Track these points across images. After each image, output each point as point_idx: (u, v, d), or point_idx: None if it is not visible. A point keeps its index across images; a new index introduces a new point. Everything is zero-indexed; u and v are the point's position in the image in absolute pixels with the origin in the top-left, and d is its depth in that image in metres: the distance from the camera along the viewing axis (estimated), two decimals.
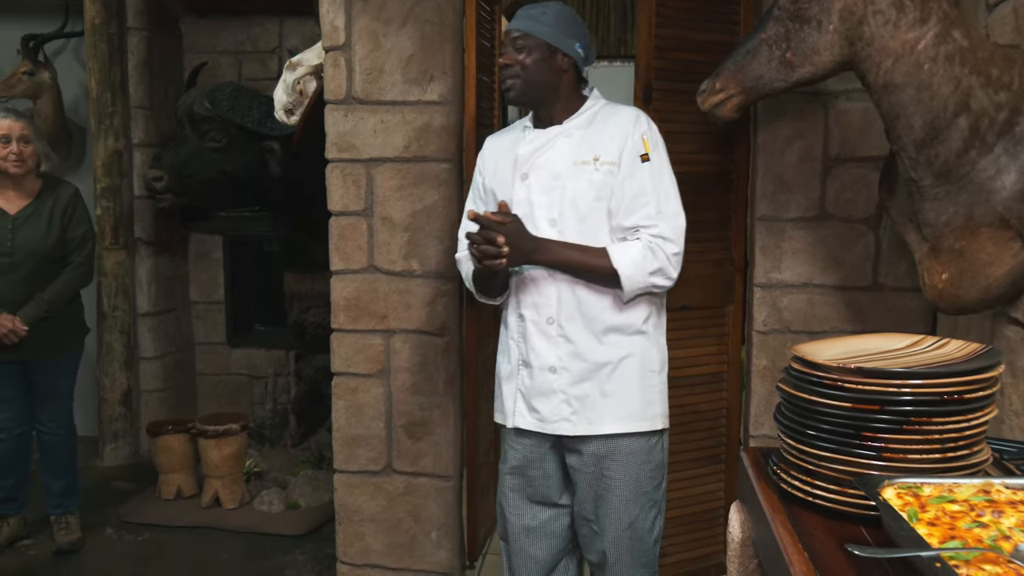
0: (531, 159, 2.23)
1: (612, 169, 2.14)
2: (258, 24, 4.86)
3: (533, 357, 2.22)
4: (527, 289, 2.23)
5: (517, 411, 2.27)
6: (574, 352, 2.19)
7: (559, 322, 2.19)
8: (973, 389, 1.32)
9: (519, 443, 2.32)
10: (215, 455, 3.93)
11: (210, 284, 5.02)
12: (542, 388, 2.22)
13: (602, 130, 2.20)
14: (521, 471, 2.33)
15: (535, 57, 2.17)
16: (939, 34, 1.82)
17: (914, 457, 1.32)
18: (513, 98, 2.23)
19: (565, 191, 2.16)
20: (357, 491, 3.02)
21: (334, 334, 2.97)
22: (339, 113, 2.88)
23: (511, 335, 2.29)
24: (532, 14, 2.20)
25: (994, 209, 1.91)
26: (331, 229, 2.93)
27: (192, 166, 3.95)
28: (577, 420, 2.20)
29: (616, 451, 2.22)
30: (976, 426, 1.33)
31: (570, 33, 2.20)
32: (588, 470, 2.25)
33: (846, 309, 2.75)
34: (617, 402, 2.20)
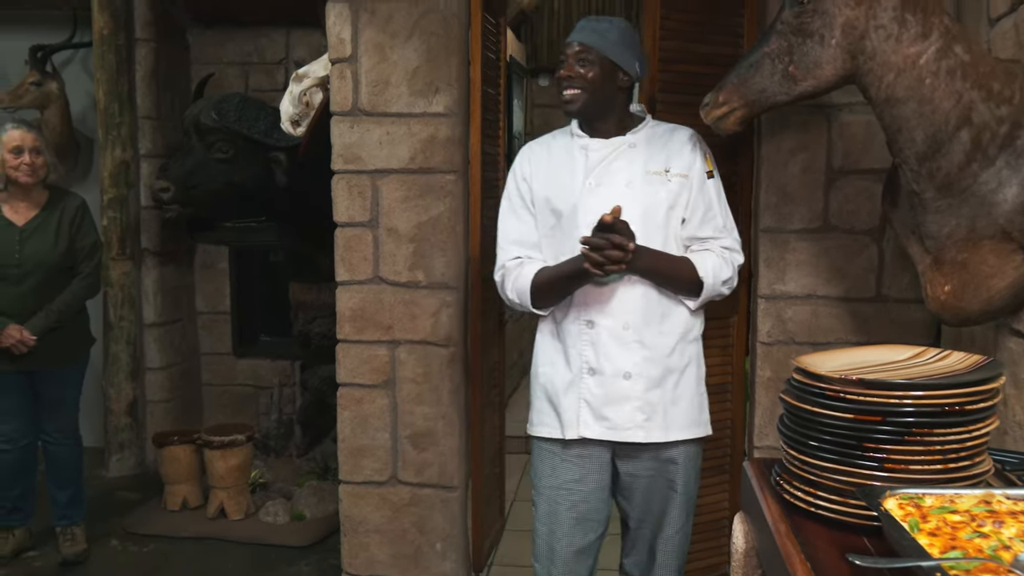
0: (600, 168, 2.24)
1: (683, 182, 2.22)
2: (265, 35, 4.90)
3: (606, 364, 2.21)
4: (599, 295, 2.21)
5: (582, 421, 2.24)
6: (649, 358, 2.22)
7: (635, 328, 2.21)
8: (974, 400, 1.33)
9: (576, 456, 2.28)
10: (221, 466, 3.94)
11: (216, 294, 5.04)
12: (615, 395, 2.21)
13: (666, 144, 2.26)
14: (576, 486, 2.29)
15: (598, 72, 2.19)
16: (941, 49, 1.83)
17: (916, 468, 1.32)
18: (575, 111, 2.24)
19: (637, 200, 2.18)
20: (362, 502, 3.03)
21: (339, 345, 2.98)
22: (345, 125, 2.90)
23: (571, 344, 2.25)
24: (599, 29, 2.22)
25: (996, 222, 1.92)
26: (336, 240, 2.95)
27: (198, 177, 3.97)
28: (651, 427, 2.22)
29: (679, 457, 2.29)
30: (977, 437, 1.34)
31: (631, 51, 2.23)
32: (648, 475, 2.29)
33: (850, 320, 2.76)
34: (683, 409, 2.27)
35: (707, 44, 2.73)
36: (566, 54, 2.22)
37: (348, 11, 2.86)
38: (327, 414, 4.48)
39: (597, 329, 2.21)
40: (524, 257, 2.29)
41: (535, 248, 2.29)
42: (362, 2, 2.85)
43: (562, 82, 2.22)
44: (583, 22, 2.26)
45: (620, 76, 2.22)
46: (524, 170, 2.33)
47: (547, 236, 2.28)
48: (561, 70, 2.22)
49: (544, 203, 2.27)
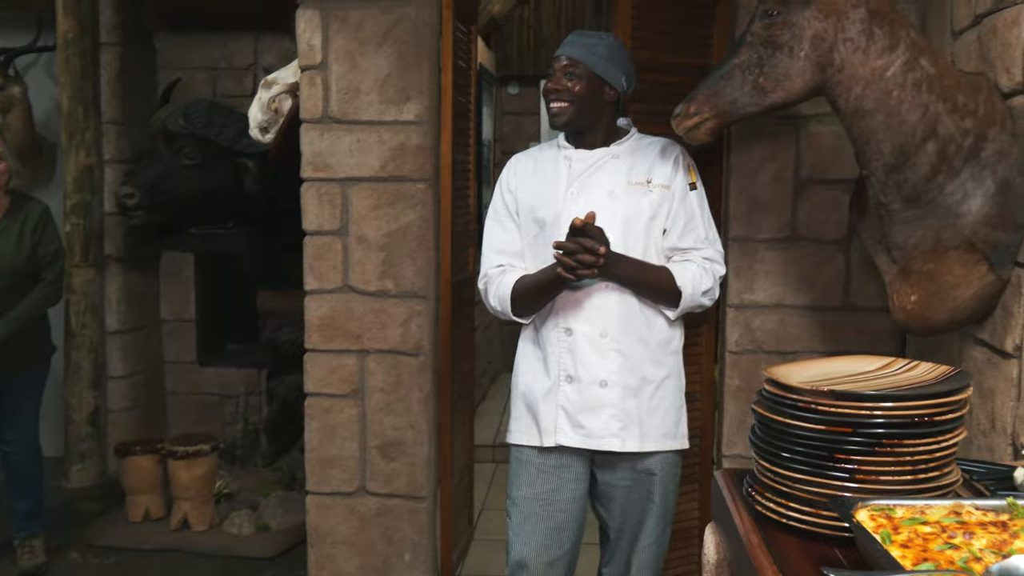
0: (582, 178, 2.27)
1: (664, 193, 2.24)
2: (234, 40, 4.85)
3: (582, 371, 2.22)
4: (577, 303, 2.23)
5: (559, 429, 2.25)
6: (626, 367, 2.23)
7: (613, 336, 2.22)
8: (943, 411, 1.34)
9: (554, 466, 2.29)
10: (185, 476, 3.89)
11: (181, 302, 4.97)
12: (591, 403, 2.23)
13: (649, 156, 2.28)
14: (553, 495, 2.29)
15: (585, 86, 2.22)
16: (907, 62, 1.85)
17: (887, 479, 1.33)
18: (561, 123, 2.26)
19: (618, 210, 2.21)
20: (330, 512, 3.00)
21: (308, 354, 2.95)
22: (315, 132, 2.88)
23: (551, 351, 2.27)
24: (587, 43, 2.25)
25: (961, 233, 1.95)
26: (305, 248, 2.92)
27: (166, 183, 3.93)
28: (626, 436, 2.23)
29: (656, 468, 2.29)
30: (946, 447, 1.35)
31: (619, 67, 2.26)
32: (626, 485, 2.30)
33: (818, 329, 2.78)
34: (660, 420, 2.27)
35: (678, 55, 2.74)
36: (554, 67, 2.25)
37: (318, 18, 2.84)
38: (294, 423, 4.43)
39: (575, 336, 2.23)
40: (507, 265, 2.32)
41: (518, 257, 2.32)
42: (332, 9, 2.83)
43: (549, 95, 2.25)
44: (572, 36, 2.29)
45: (607, 90, 2.25)
46: (510, 181, 2.36)
47: (531, 245, 2.31)
48: (548, 83, 2.25)
49: (528, 212, 2.30)
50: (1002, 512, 1.22)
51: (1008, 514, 1.22)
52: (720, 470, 1.74)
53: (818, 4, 1.86)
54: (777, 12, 1.90)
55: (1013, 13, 1.96)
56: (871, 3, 1.85)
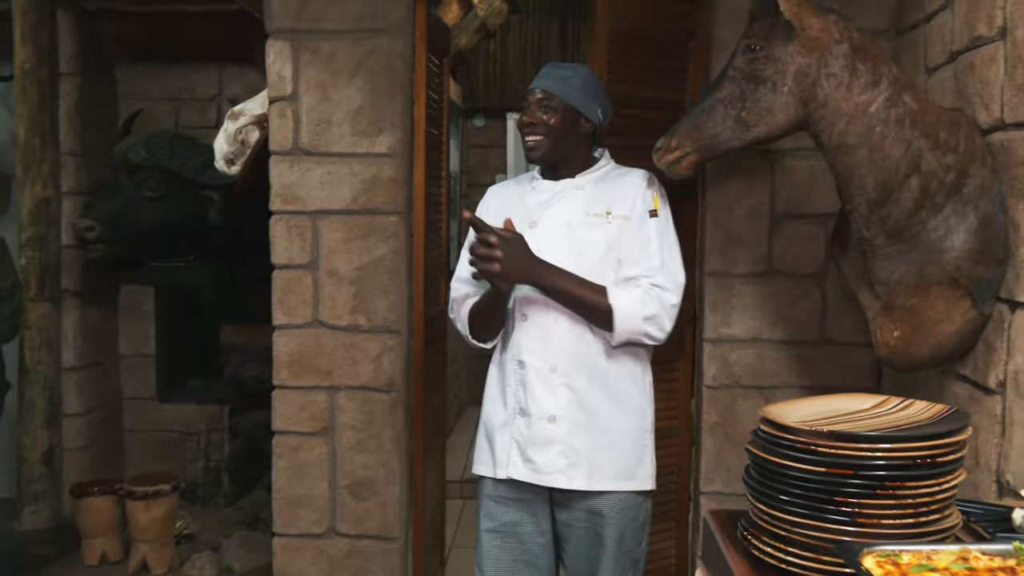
0: (542, 208, 2.24)
1: (624, 224, 2.18)
2: (196, 71, 4.78)
3: (532, 405, 2.18)
4: (530, 335, 2.20)
5: (511, 462, 2.21)
6: (575, 402, 2.17)
7: (563, 371, 2.17)
8: (944, 452, 1.31)
9: (515, 500, 2.25)
10: (144, 518, 3.76)
11: (140, 337, 4.84)
12: (539, 438, 2.17)
13: (615, 187, 2.24)
14: (512, 529, 2.26)
15: (560, 120, 2.19)
16: (890, 97, 1.86)
17: (888, 522, 1.30)
18: (537, 158, 2.24)
19: (575, 241, 2.16)
20: (298, 555, 2.90)
21: (276, 391, 2.87)
22: (285, 164, 2.82)
23: (507, 382, 2.24)
24: (561, 76, 2.22)
25: (944, 268, 1.94)
26: (274, 282, 2.85)
27: (127, 215, 3.83)
28: (573, 473, 2.17)
29: (608, 509, 2.20)
30: (948, 489, 1.33)
31: (594, 99, 2.24)
32: (581, 526, 2.22)
33: (795, 364, 2.77)
34: (613, 459, 2.20)
35: (654, 89, 2.73)
36: (528, 100, 2.22)
37: (289, 48, 2.79)
38: (258, 461, 4.33)
39: (526, 369, 2.20)
40: (472, 293, 2.30)
41: (483, 287, 2.27)
42: (303, 40, 2.79)
43: (524, 128, 2.22)
44: (547, 68, 2.26)
45: (582, 122, 2.23)
46: (480, 213, 2.32)
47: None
48: (523, 116, 2.22)
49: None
50: (1009, 557, 1.20)
51: (1015, 559, 1.19)
52: (710, 511, 1.71)
53: (801, 39, 1.86)
54: (760, 47, 1.89)
55: (991, 50, 1.97)
56: (854, 39, 1.86)
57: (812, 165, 2.70)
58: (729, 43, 2.67)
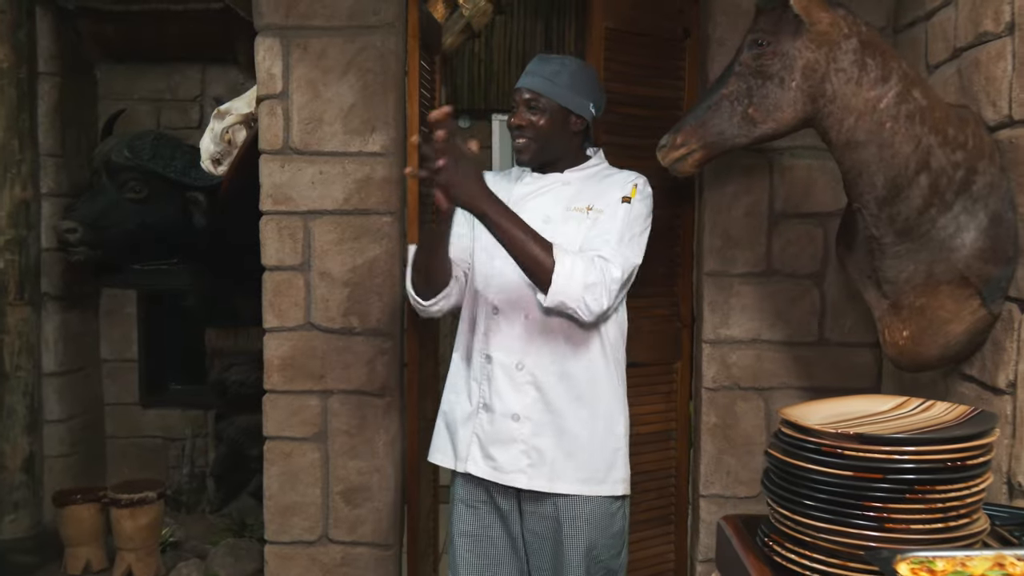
0: (524, 201, 2.16)
1: (598, 216, 2.10)
2: (179, 72, 4.69)
3: (496, 402, 2.11)
4: (499, 329, 2.12)
5: (471, 457, 2.15)
6: (540, 400, 2.10)
7: (529, 368, 2.10)
8: (974, 455, 1.28)
9: (483, 503, 2.19)
10: (129, 526, 3.67)
11: (122, 341, 4.74)
12: (502, 435, 2.11)
13: (600, 184, 2.16)
14: (484, 532, 2.19)
15: (549, 120, 2.12)
16: (900, 93, 1.83)
17: (917, 527, 1.27)
18: (527, 161, 2.17)
19: (548, 233, 2.02)
20: (290, 563, 2.84)
21: (267, 395, 2.81)
22: (275, 164, 2.76)
23: (473, 375, 2.17)
24: (548, 74, 2.13)
25: (954, 267, 1.92)
26: (265, 285, 2.79)
27: (110, 218, 3.74)
28: (534, 474, 2.09)
29: (575, 515, 2.11)
30: (976, 493, 1.30)
31: (584, 93, 2.15)
32: (546, 533, 2.14)
33: (793, 365, 2.74)
34: (579, 462, 2.10)
35: (650, 87, 2.70)
36: (516, 101, 2.15)
37: (279, 45, 2.73)
38: (244, 467, 4.26)
39: (493, 365, 2.13)
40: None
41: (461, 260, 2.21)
42: (294, 37, 2.73)
43: (513, 131, 2.15)
44: (534, 64, 2.17)
45: (572, 120, 2.15)
46: None
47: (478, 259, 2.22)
48: (512, 118, 2.15)
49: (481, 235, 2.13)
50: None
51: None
52: (724, 517, 1.67)
53: (809, 34, 1.82)
54: (767, 42, 1.86)
55: (998, 46, 1.95)
56: (863, 34, 1.83)
57: (810, 164, 2.68)
58: (726, 40, 2.66)
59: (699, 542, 2.83)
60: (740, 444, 2.77)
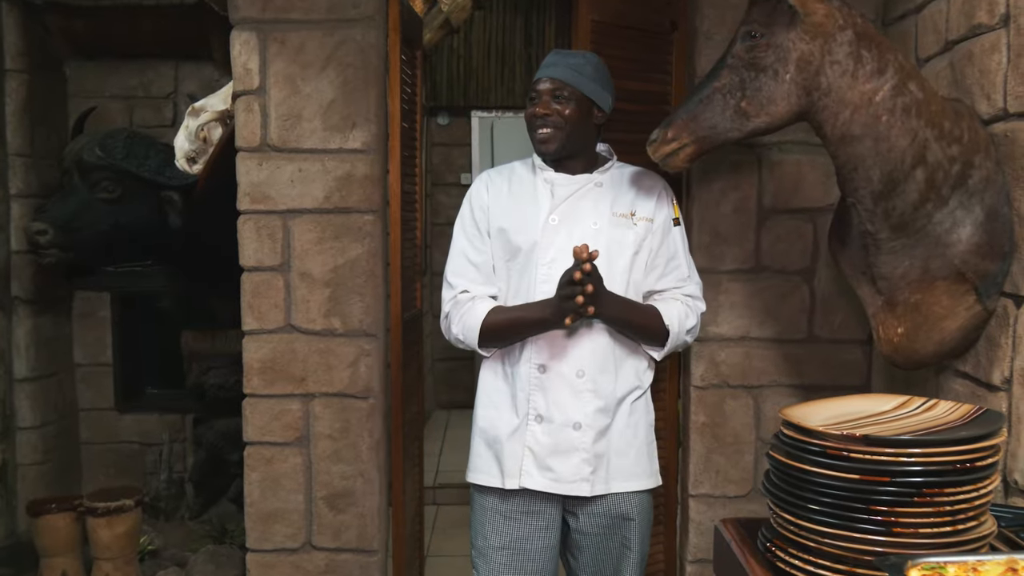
0: (565, 205, 2.12)
1: (648, 226, 2.14)
2: (151, 68, 4.59)
3: (555, 412, 2.08)
4: (553, 339, 2.08)
5: (524, 471, 2.10)
6: (601, 408, 2.09)
7: (590, 375, 2.08)
8: (982, 456, 1.24)
9: (523, 513, 2.14)
10: (106, 535, 3.58)
11: (96, 345, 4.64)
12: (562, 446, 2.08)
13: (632, 187, 2.17)
14: (523, 545, 2.14)
15: (575, 110, 2.08)
16: (896, 86, 1.79)
17: (925, 531, 1.23)
18: (551, 151, 2.11)
19: (603, 243, 2.05)
20: (273, 571, 2.77)
21: (247, 399, 2.74)
22: (252, 161, 2.69)
23: (519, 387, 2.11)
24: (573, 64, 2.10)
25: (950, 262, 1.89)
26: (243, 286, 2.72)
27: (82, 219, 3.64)
28: (595, 480, 2.10)
29: (631, 510, 2.16)
30: (984, 495, 1.26)
31: (605, 86, 2.14)
32: (600, 532, 2.16)
33: (783, 362, 2.71)
34: (631, 459, 2.15)
35: (638, 81, 2.65)
36: (537, 90, 2.10)
37: (255, 39, 2.66)
38: (224, 472, 4.17)
39: (549, 375, 2.09)
40: (475, 291, 2.15)
41: (488, 279, 2.16)
42: (271, 31, 2.66)
43: (535, 120, 2.10)
44: (554, 56, 2.15)
45: (595, 113, 2.13)
46: (482, 198, 2.19)
47: (501, 269, 2.15)
48: (535, 107, 2.10)
49: (499, 235, 2.14)
50: None
51: None
52: (722, 520, 1.63)
53: (804, 25, 1.78)
54: (761, 34, 1.81)
55: (992, 38, 1.92)
56: (858, 25, 1.79)
57: (799, 159, 2.65)
58: (713, 34, 2.62)
59: (688, 542, 2.79)
60: (729, 443, 2.73)
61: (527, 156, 2.24)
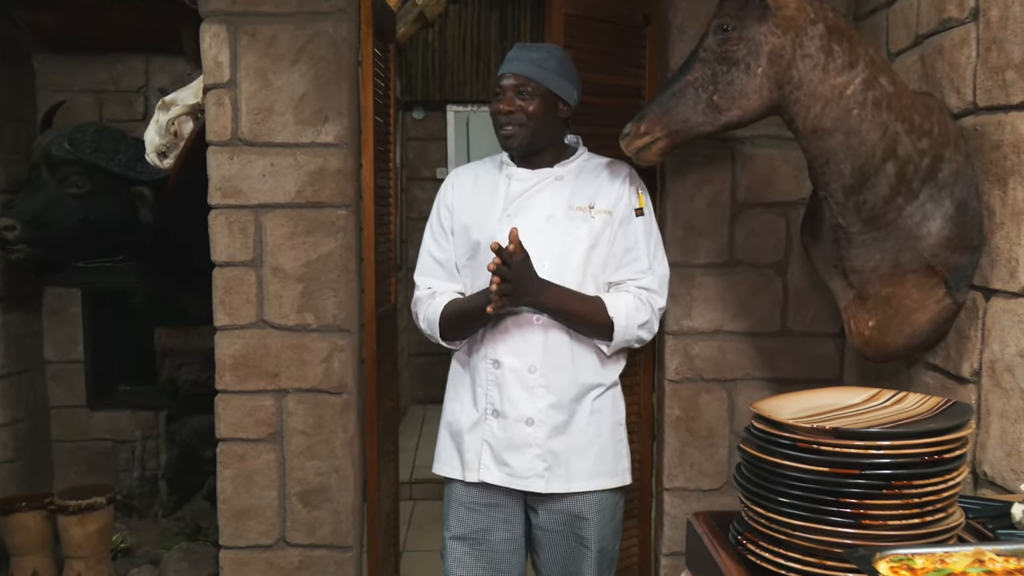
0: (521, 199, 2.11)
1: (607, 219, 2.10)
2: (121, 62, 4.53)
3: (508, 407, 2.07)
4: (507, 334, 2.08)
5: (483, 465, 2.10)
6: (554, 404, 2.07)
7: (542, 371, 2.07)
8: (951, 448, 1.25)
9: (486, 505, 2.14)
10: (78, 533, 3.54)
11: (67, 341, 4.58)
12: (516, 441, 2.07)
13: (595, 179, 2.14)
14: (482, 536, 2.14)
15: (539, 106, 2.07)
16: (867, 79, 1.80)
17: (894, 523, 1.24)
18: (515, 147, 2.11)
19: (557, 236, 2.06)
20: (247, 568, 2.75)
21: (219, 396, 2.71)
22: (224, 156, 2.66)
23: (479, 382, 2.12)
24: (536, 59, 2.09)
25: (920, 256, 1.90)
26: (215, 281, 2.69)
27: (51, 214, 3.59)
28: (551, 476, 2.08)
29: (588, 509, 2.12)
30: (952, 487, 1.27)
31: (570, 80, 2.12)
32: (559, 529, 2.13)
33: (756, 356, 2.72)
34: (591, 458, 2.11)
35: (611, 75, 2.65)
36: (502, 86, 2.09)
37: (226, 32, 2.63)
38: (197, 469, 4.14)
39: (502, 370, 2.09)
40: (437, 288, 2.18)
41: (452, 278, 2.18)
42: (241, 23, 2.63)
43: (499, 117, 2.09)
44: (517, 51, 2.13)
45: (560, 107, 2.12)
46: (447, 196, 2.21)
47: (465, 266, 2.17)
48: (499, 104, 2.09)
49: (463, 232, 2.16)
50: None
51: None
52: (694, 513, 1.63)
53: (775, 19, 1.78)
54: (732, 27, 1.82)
55: (961, 32, 1.93)
56: (829, 19, 1.80)
57: (772, 153, 2.66)
58: (687, 28, 2.62)
59: (663, 535, 2.80)
60: (703, 436, 2.74)
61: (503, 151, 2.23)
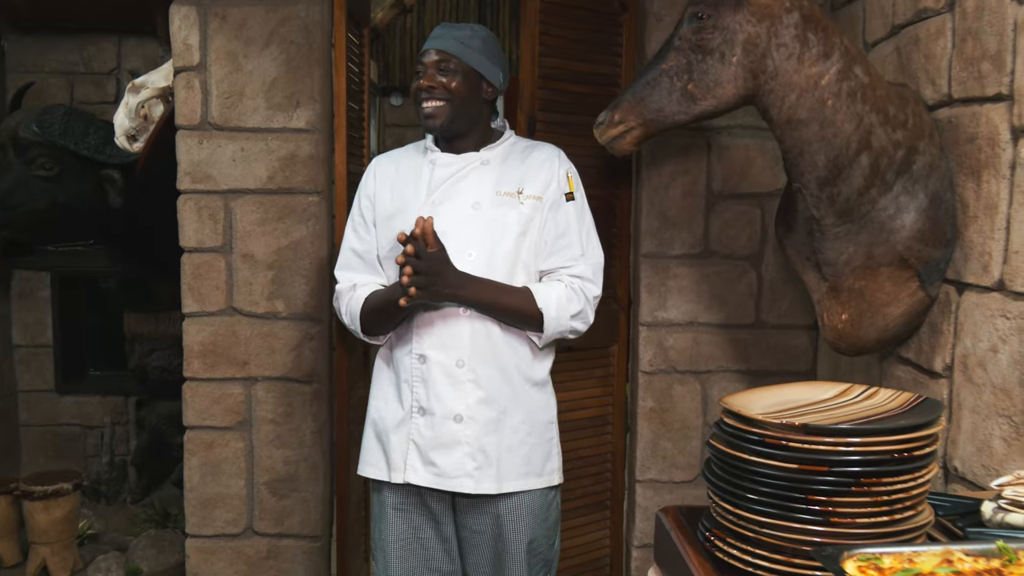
0: (446, 185, 2.01)
1: (536, 204, 2.00)
2: (93, 43, 4.46)
3: (436, 404, 1.97)
4: (432, 327, 1.98)
5: (409, 466, 2.00)
6: (484, 399, 1.98)
7: (470, 365, 1.97)
8: (921, 445, 1.24)
9: (414, 505, 2.05)
10: (43, 519, 3.49)
11: (36, 326, 4.51)
12: (444, 439, 1.97)
13: (523, 164, 2.04)
14: (415, 535, 2.06)
15: (461, 83, 1.97)
16: (842, 70, 1.78)
17: (863, 521, 1.22)
18: (437, 125, 1.99)
19: (485, 223, 1.96)
20: (213, 557, 2.72)
21: (187, 383, 2.68)
22: (193, 140, 2.61)
23: (403, 378, 2.02)
24: (459, 36, 1.99)
25: (894, 248, 1.89)
26: (184, 267, 2.65)
27: (18, 196, 3.52)
28: (481, 476, 1.98)
29: (515, 510, 2.03)
30: (922, 484, 1.26)
31: (495, 61, 2.03)
32: (485, 530, 2.04)
33: (730, 348, 2.71)
34: (520, 457, 2.02)
35: (587, 63, 2.62)
36: (423, 63, 1.99)
37: (195, 14, 2.58)
38: (166, 455, 4.10)
39: (429, 364, 1.98)
40: (358, 282, 2.07)
41: (373, 270, 2.08)
42: (211, 6, 2.58)
43: (421, 93, 1.98)
44: (441, 29, 2.03)
45: (484, 87, 2.02)
46: (369, 187, 2.11)
47: (387, 258, 2.05)
48: (420, 80, 1.98)
49: (386, 222, 2.05)
50: (993, 557, 1.12)
51: (999, 559, 1.12)
52: (663, 508, 1.61)
53: (751, 7, 1.76)
54: (707, 15, 1.79)
55: (937, 23, 1.92)
56: (804, 8, 1.77)
57: (748, 143, 2.64)
58: (663, 15, 2.60)
59: (635, 527, 2.80)
60: (677, 428, 2.73)
61: None
